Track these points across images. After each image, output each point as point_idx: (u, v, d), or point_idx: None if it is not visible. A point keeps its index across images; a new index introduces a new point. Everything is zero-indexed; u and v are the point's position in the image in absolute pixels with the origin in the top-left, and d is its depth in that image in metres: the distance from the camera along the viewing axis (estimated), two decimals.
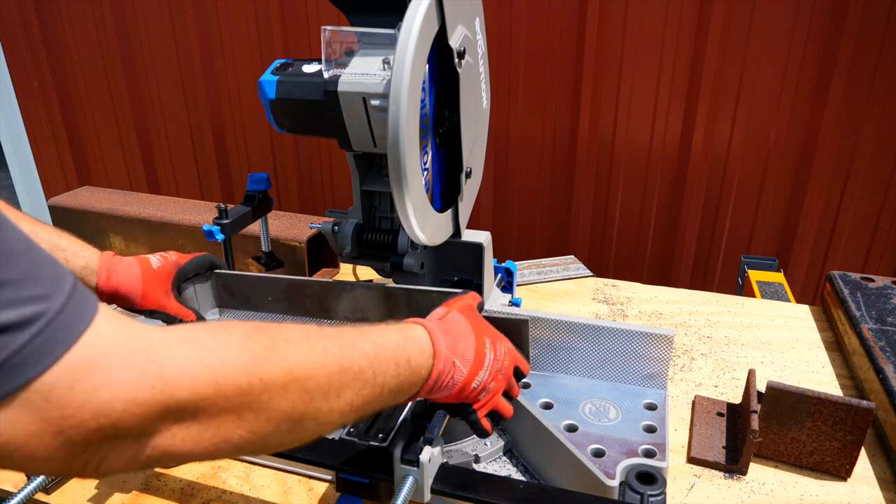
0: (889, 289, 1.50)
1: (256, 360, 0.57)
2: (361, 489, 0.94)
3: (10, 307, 0.43)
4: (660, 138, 2.35)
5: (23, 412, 0.44)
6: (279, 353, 0.59)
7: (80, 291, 0.49)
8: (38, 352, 0.44)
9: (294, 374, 0.59)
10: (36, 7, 2.99)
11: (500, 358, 0.87)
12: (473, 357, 0.82)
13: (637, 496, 0.86)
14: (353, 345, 0.68)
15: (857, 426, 1.03)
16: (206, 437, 0.54)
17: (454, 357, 0.80)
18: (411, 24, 0.89)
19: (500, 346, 0.88)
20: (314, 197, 2.93)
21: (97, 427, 0.47)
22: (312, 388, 0.61)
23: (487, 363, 0.85)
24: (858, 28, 2.01)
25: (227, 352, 0.55)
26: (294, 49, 2.65)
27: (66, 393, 0.45)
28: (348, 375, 0.65)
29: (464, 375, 0.81)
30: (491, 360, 0.85)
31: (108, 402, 0.47)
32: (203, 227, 1.35)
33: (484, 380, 0.83)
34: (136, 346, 0.50)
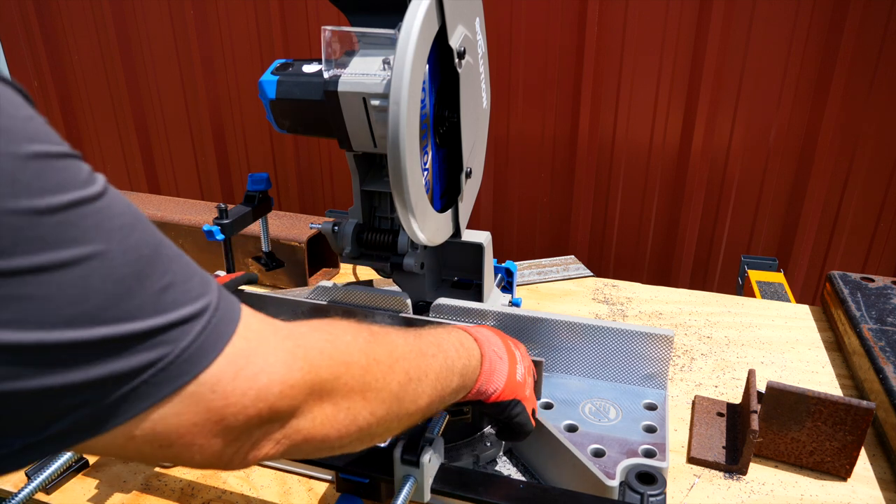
0: (889, 289, 1.50)
1: (368, 343, 0.62)
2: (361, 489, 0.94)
3: (180, 306, 0.46)
4: (660, 138, 2.35)
5: (190, 404, 0.46)
6: (379, 338, 0.65)
7: (224, 289, 0.52)
8: (204, 346, 0.47)
9: (395, 355, 0.65)
10: (36, 7, 2.99)
11: (524, 357, 0.93)
12: (506, 351, 0.87)
13: (637, 496, 0.86)
14: (420, 335, 0.74)
15: (857, 426, 1.03)
16: (339, 419, 0.57)
17: (493, 348, 0.85)
18: (411, 24, 0.89)
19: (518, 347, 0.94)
20: (314, 197, 2.93)
21: (256, 413, 0.50)
22: (409, 368, 0.66)
23: (520, 359, 0.90)
24: (858, 28, 2.02)
25: (345, 336, 0.60)
26: (294, 49, 2.65)
27: (230, 382, 0.48)
28: (428, 359, 0.70)
29: (506, 366, 0.85)
30: (520, 356, 0.91)
31: (267, 386, 0.50)
32: (203, 227, 1.35)
33: (523, 374, 0.89)
34: (282, 335, 0.54)
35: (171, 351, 0.45)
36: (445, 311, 1.21)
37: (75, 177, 0.43)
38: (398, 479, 0.85)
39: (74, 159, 0.44)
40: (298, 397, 0.53)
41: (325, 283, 1.28)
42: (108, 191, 0.46)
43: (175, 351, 0.45)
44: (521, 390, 0.87)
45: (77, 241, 0.41)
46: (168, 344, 0.45)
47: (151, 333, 0.44)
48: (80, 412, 0.42)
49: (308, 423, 0.55)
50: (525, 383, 0.89)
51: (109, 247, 0.43)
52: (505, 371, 0.85)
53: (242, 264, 1.80)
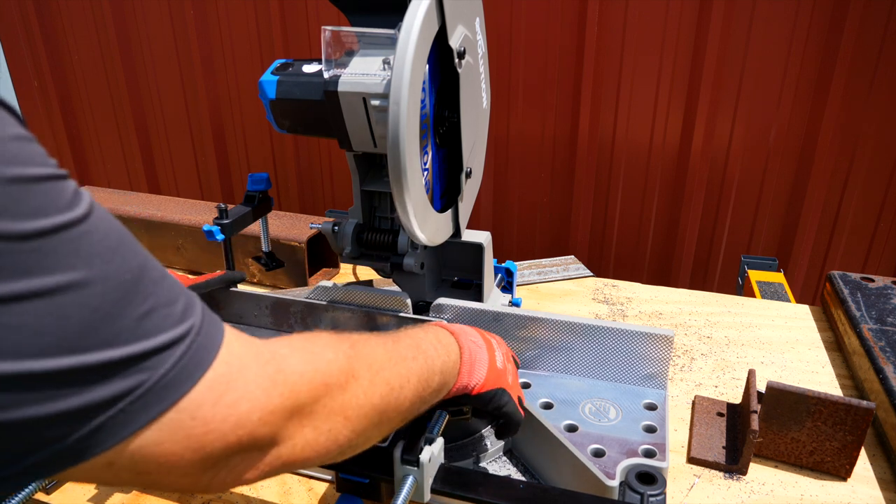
0: (889, 289, 1.50)
1: (348, 359, 0.61)
2: (361, 489, 0.94)
3: (161, 331, 0.45)
4: (660, 138, 2.35)
5: (170, 431, 0.45)
6: (360, 350, 0.64)
7: (208, 311, 0.52)
8: (184, 372, 0.46)
9: (375, 367, 0.64)
10: (36, 7, 2.99)
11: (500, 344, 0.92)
12: (483, 341, 0.87)
13: (637, 496, 0.86)
14: (398, 338, 0.73)
15: (857, 426, 1.03)
16: (320, 442, 0.56)
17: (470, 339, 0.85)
18: (411, 24, 0.89)
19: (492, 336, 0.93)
20: (314, 197, 2.93)
21: (236, 440, 0.49)
22: (390, 378, 0.65)
23: (497, 346, 0.90)
24: (858, 28, 2.01)
25: (325, 354, 0.59)
26: (294, 49, 2.65)
27: (210, 409, 0.47)
28: (409, 363, 0.70)
29: (485, 355, 0.85)
30: (496, 343, 0.90)
31: (247, 413, 0.49)
32: (203, 227, 1.35)
33: (503, 360, 0.88)
34: (263, 359, 0.53)
35: (151, 377, 0.44)
36: (445, 311, 1.21)
37: (57, 200, 0.42)
38: (398, 479, 0.85)
39: (58, 181, 0.43)
40: (279, 423, 0.52)
41: (325, 283, 1.28)
42: (93, 212, 0.44)
43: (154, 377, 0.44)
44: (504, 378, 0.87)
45: (55, 269, 0.40)
46: (147, 370, 0.44)
47: (130, 361, 0.43)
48: (59, 443, 0.41)
49: (288, 449, 0.54)
50: (506, 371, 0.89)
51: (89, 274, 0.42)
52: (485, 360, 0.85)
53: (242, 264, 1.80)
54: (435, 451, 0.86)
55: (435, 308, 1.21)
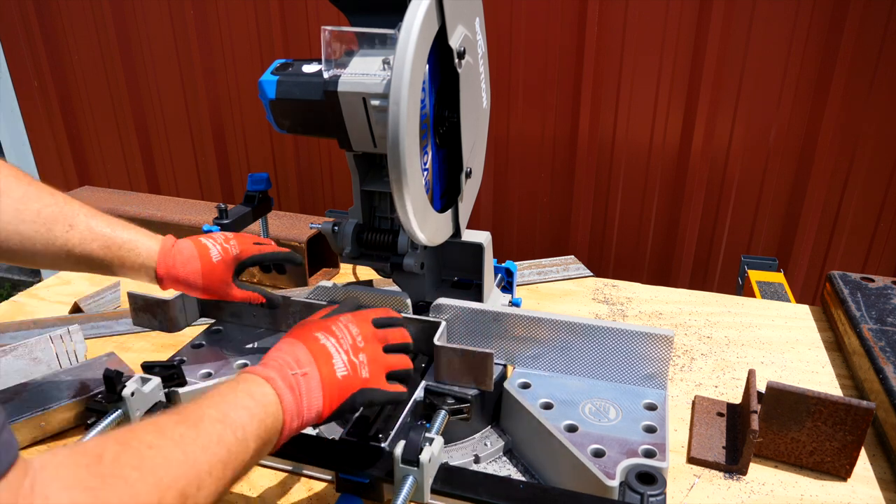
0: (889, 289, 1.50)
1: (131, 489, 0.56)
2: (361, 489, 0.94)
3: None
4: (660, 138, 2.35)
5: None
6: (146, 465, 0.58)
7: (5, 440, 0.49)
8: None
9: (165, 482, 0.59)
10: (36, 7, 2.99)
11: (345, 333, 0.86)
12: (311, 355, 0.81)
13: (637, 496, 0.86)
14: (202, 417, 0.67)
15: (857, 426, 1.03)
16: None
17: (288, 372, 0.78)
18: (411, 24, 0.89)
19: (338, 324, 0.87)
20: (314, 197, 2.93)
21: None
22: (185, 487, 0.60)
23: (334, 348, 0.83)
24: (858, 28, 2.01)
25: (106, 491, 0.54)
26: (294, 49, 2.65)
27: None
28: (210, 453, 0.65)
29: (317, 373, 0.79)
30: (334, 342, 0.84)
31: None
32: (203, 227, 1.35)
33: (347, 360, 0.82)
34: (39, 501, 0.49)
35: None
36: (445, 311, 1.21)
37: None
38: (398, 480, 0.85)
39: None
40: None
41: (325, 283, 1.28)
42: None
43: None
44: (354, 380, 0.82)
45: None
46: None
47: None
48: None
49: None
50: (356, 368, 0.83)
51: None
52: (316, 385, 0.79)
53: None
54: (435, 450, 0.86)
55: (435, 308, 1.21)
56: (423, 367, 1.17)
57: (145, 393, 1.00)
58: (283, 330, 1.32)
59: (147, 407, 1.01)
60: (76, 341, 1.36)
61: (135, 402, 0.99)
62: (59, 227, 0.96)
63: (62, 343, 1.35)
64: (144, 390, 1.00)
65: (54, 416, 1.17)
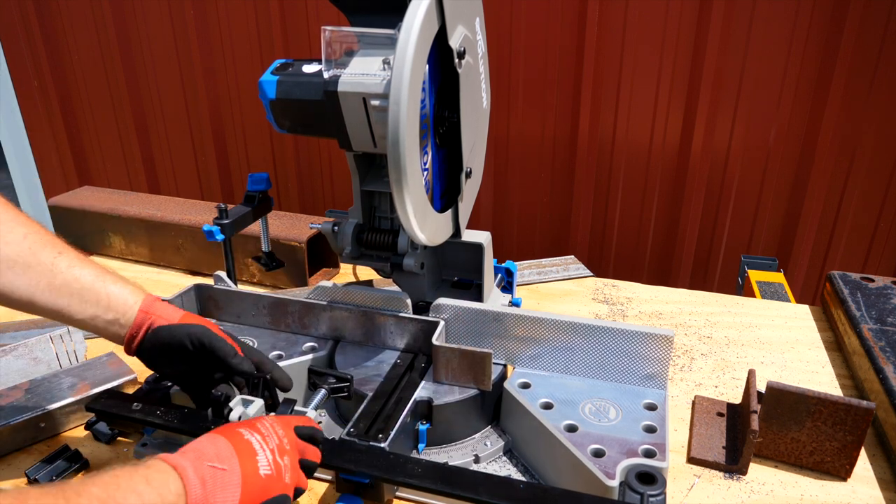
0: (889, 289, 1.50)
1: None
2: (361, 489, 0.94)
3: None
4: (660, 138, 2.35)
5: None
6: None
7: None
8: None
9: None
10: (36, 7, 2.99)
11: (271, 433, 0.82)
12: (234, 449, 0.76)
13: (637, 496, 0.86)
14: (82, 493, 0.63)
15: (857, 426, 1.03)
16: None
17: (207, 463, 0.73)
18: (411, 24, 0.89)
19: (263, 423, 0.84)
20: (314, 197, 2.93)
21: None
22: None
23: (259, 444, 0.79)
24: (858, 28, 2.01)
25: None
26: (294, 49, 2.65)
27: None
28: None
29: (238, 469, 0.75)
30: (259, 439, 0.80)
31: None
32: (203, 227, 1.35)
33: (272, 460, 0.78)
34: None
35: None
36: (445, 311, 1.21)
37: None
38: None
39: None
40: None
41: (325, 283, 1.28)
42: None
43: None
44: (276, 481, 0.78)
45: None
46: None
47: None
48: None
49: None
50: (281, 467, 0.79)
51: None
52: (236, 480, 0.74)
53: (242, 264, 1.80)
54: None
55: (435, 308, 1.21)
56: (423, 366, 1.17)
57: (250, 416, 0.95)
58: (283, 330, 1.32)
59: None
60: (76, 341, 1.36)
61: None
62: (47, 251, 0.92)
63: (62, 343, 1.35)
64: (249, 413, 0.95)
65: (54, 416, 1.17)
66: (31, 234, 0.92)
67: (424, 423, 1.09)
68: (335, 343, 1.27)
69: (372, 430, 1.00)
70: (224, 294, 1.34)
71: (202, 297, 1.35)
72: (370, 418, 1.03)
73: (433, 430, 1.09)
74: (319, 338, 1.29)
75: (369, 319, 1.24)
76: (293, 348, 1.26)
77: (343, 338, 1.28)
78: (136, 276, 1.89)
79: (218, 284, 1.35)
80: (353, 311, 1.24)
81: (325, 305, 1.26)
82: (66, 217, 2.03)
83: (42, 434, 1.16)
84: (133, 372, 1.27)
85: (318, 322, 1.28)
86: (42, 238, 0.93)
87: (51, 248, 0.93)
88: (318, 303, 1.27)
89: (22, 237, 0.91)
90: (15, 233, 0.90)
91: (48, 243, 0.93)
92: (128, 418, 1.03)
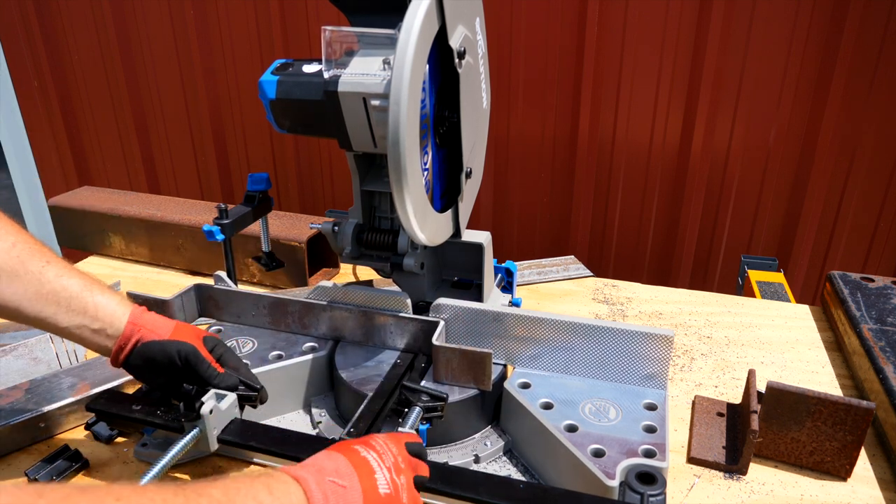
0: (889, 289, 1.50)
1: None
2: None
3: None
4: (660, 138, 2.35)
5: None
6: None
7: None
8: None
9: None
10: (36, 7, 2.99)
11: (386, 450, 0.81)
12: (353, 467, 0.75)
13: (637, 496, 0.86)
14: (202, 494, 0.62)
15: (857, 426, 1.03)
16: None
17: (328, 478, 0.71)
18: (411, 24, 0.89)
19: (377, 440, 0.82)
20: (314, 197, 2.93)
21: None
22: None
23: (377, 462, 0.77)
24: (858, 28, 2.01)
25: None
26: (294, 49, 2.65)
27: None
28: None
29: (358, 486, 0.73)
30: (376, 457, 0.78)
31: None
32: (203, 227, 1.35)
33: (389, 479, 0.76)
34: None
35: None
36: (445, 311, 1.21)
37: None
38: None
39: None
40: None
41: (325, 283, 1.28)
42: None
43: None
44: (395, 501, 0.76)
45: None
46: None
47: None
48: None
49: None
50: (399, 486, 0.78)
51: None
52: (358, 496, 0.72)
53: (242, 264, 1.80)
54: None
55: (435, 308, 1.21)
56: (423, 366, 1.18)
57: (223, 410, 0.97)
58: (283, 330, 1.32)
59: (224, 425, 0.99)
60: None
61: (213, 420, 0.96)
62: (36, 261, 0.93)
63: (62, 343, 1.35)
64: (222, 407, 0.96)
65: (54, 417, 1.17)
66: (20, 244, 0.93)
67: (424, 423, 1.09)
68: (335, 343, 1.27)
69: (372, 430, 1.00)
70: (224, 294, 1.34)
71: (202, 297, 1.35)
72: (370, 418, 1.03)
73: (433, 430, 1.09)
74: (319, 338, 1.29)
75: (369, 319, 1.24)
76: (293, 348, 1.26)
77: (343, 338, 1.28)
78: (136, 276, 1.89)
79: (218, 284, 1.35)
80: (353, 311, 1.24)
81: (325, 305, 1.26)
82: (66, 217, 2.03)
83: (42, 434, 1.16)
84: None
85: (318, 322, 1.28)
86: (31, 247, 0.94)
87: (39, 257, 0.94)
88: (318, 303, 1.27)
89: (11, 245, 0.92)
90: (4, 241, 0.91)
91: (37, 252, 0.94)
92: (128, 418, 1.03)
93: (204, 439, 0.97)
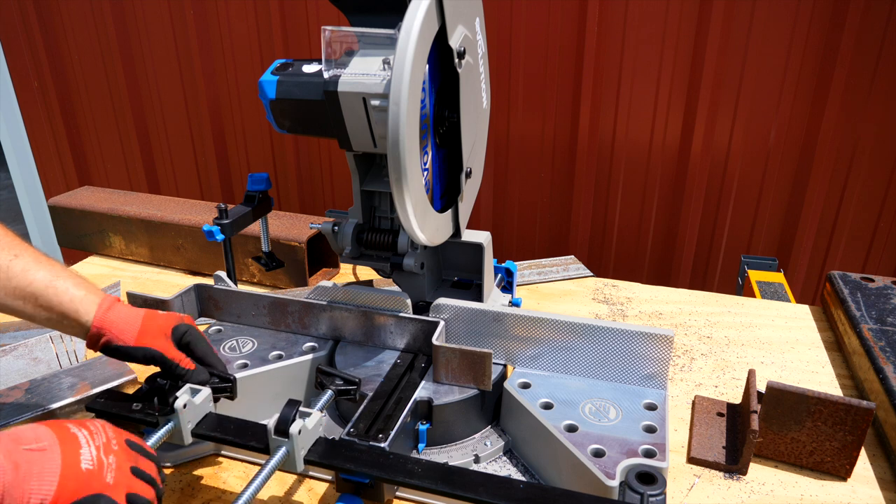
0: (889, 289, 1.50)
1: None
2: (361, 489, 0.94)
3: None
4: (660, 138, 2.35)
5: None
6: None
7: None
8: None
9: None
10: (36, 7, 2.99)
11: (100, 431, 0.78)
12: (57, 438, 0.73)
13: (637, 496, 0.86)
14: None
15: (857, 426, 1.03)
16: None
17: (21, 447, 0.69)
18: (411, 25, 0.89)
19: (94, 422, 0.80)
20: (314, 197, 2.93)
21: None
22: None
23: (85, 439, 0.75)
24: (858, 28, 2.01)
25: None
26: (294, 49, 2.65)
27: None
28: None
29: (59, 453, 0.71)
30: (86, 434, 0.76)
31: None
32: (203, 227, 1.35)
33: (96, 456, 0.74)
34: None
35: None
36: (445, 311, 1.21)
37: None
38: (272, 450, 0.91)
39: None
40: None
41: (325, 283, 1.28)
42: None
43: None
44: (97, 478, 0.73)
45: None
46: None
47: None
48: None
49: None
50: (104, 464, 0.75)
51: None
52: (55, 467, 0.70)
53: (242, 264, 1.80)
54: (310, 424, 0.91)
55: (435, 308, 1.21)
56: (423, 366, 1.18)
57: (197, 404, 0.97)
58: (283, 330, 1.32)
59: (198, 419, 0.99)
60: (76, 341, 1.36)
61: (187, 413, 0.96)
62: (4, 253, 0.92)
63: (62, 343, 1.35)
64: (196, 401, 0.97)
65: (54, 416, 1.17)
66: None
67: (424, 423, 1.09)
68: (335, 343, 1.27)
69: (372, 430, 1.00)
70: (224, 294, 1.34)
71: (202, 297, 1.35)
72: (370, 418, 1.03)
73: (433, 430, 1.09)
74: (319, 338, 1.29)
75: (369, 319, 1.24)
76: (293, 348, 1.26)
77: (343, 338, 1.28)
78: (136, 276, 1.89)
79: (218, 284, 1.35)
80: (353, 311, 1.24)
81: (325, 305, 1.26)
82: (66, 217, 2.03)
83: None
84: (133, 372, 1.27)
85: (318, 322, 1.28)
86: (0, 240, 0.93)
87: (8, 250, 0.93)
88: (318, 303, 1.27)
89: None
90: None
91: (6, 245, 0.93)
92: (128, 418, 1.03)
93: (178, 433, 0.97)
